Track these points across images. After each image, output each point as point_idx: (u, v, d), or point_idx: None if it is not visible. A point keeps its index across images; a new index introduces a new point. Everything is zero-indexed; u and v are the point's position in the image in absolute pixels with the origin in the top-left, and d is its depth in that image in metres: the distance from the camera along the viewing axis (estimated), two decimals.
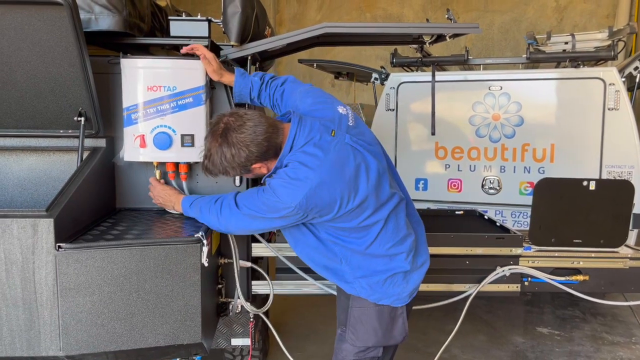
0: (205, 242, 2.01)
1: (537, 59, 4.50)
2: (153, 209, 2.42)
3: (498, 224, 3.22)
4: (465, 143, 4.63)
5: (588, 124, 4.27)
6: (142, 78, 2.27)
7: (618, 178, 4.13)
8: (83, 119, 2.21)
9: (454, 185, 4.69)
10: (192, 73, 2.29)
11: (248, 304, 2.50)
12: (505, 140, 4.52)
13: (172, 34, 2.44)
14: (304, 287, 2.65)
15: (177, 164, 2.39)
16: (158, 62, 2.32)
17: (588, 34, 4.48)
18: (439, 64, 4.76)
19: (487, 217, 3.49)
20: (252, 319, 2.66)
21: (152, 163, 2.39)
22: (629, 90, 4.36)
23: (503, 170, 4.55)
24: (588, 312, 4.57)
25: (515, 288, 2.85)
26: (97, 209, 2.27)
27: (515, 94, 4.46)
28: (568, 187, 2.82)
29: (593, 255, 2.84)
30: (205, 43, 2.39)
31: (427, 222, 3.36)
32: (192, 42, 2.39)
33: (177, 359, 2.40)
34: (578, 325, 4.32)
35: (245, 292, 2.53)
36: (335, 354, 2.25)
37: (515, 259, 2.84)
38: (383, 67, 5.43)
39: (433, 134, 4.29)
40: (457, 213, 3.69)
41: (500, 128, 4.52)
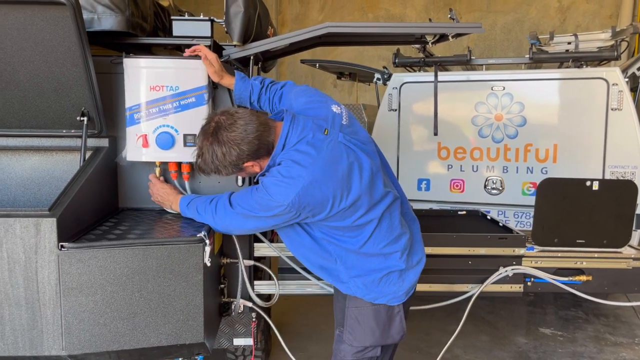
0: (208, 241, 2.01)
1: (540, 59, 4.49)
2: (155, 209, 2.42)
3: (501, 224, 3.22)
4: (468, 143, 4.63)
5: (591, 124, 4.26)
6: (144, 78, 2.27)
7: (621, 178, 4.13)
8: (86, 119, 2.21)
9: (457, 186, 4.69)
10: (194, 73, 2.29)
11: (256, 297, 2.49)
12: (508, 141, 4.52)
13: (174, 34, 2.43)
14: (306, 287, 2.65)
15: (179, 164, 2.39)
16: (161, 62, 2.32)
17: (591, 34, 4.47)
18: (442, 64, 4.76)
19: (489, 217, 3.49)
20: (254, 319, 2.66)
21: (154, 163, 2.39)
22: (632, 91, 4.34)
23: (506, 171, 4.55)
24: (591, 312, 4.56)
25: (518, 288, 2.84)
26: (99, 209, 2.27)
27: (518, 94, 4.45)
28: (571, 187, 2.81)
29: (596, 256, 2.83)
30: (208, 43, 2.39)
31: (429, 222, 3.38)
32: (194, 42, 2.39)
33: (179, 359, 2.40)
34: (581, 326, 4.31)
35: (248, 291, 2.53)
36: (334, 355, 2.24)
37: (518, 259, 2.83)
38: (385, 67, 5.43)
39: (436, 134, 4.29)
40: (459, 213, 3.69)
41: (503, 128, 4.51)
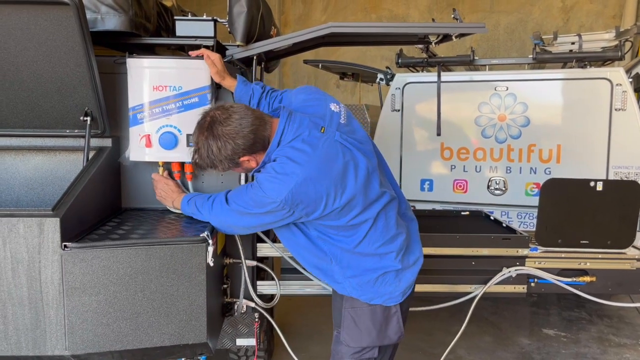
0: (211, 241, 2.00)
1: (543, 60, 4.48)
2: (158, 209, 2.42)
3: (504, 225, 3.21)
4: (471, 144, 4.62)
5: (595, 125, 4.24)
6: (148, 78, 2.27)
7: (625, 179, 4.11)
8: (89, 119, 2.21)
9: (460, 186, 4.68)
10: (197, 73, 2.29)
11: (257, 298, 2.50)
12: (511, 141, 4.50)
13: (177, 34, 2.44)
14: (309, 287, 2.65)
15: (182, 164, 2.40)
16: (164, 62, 2.32)
17: (595, 34, 4.46)
18: (445, 65, 4.75)
19: (493, 217, 3.48)
20: (257, 319, 2.66)
21: (157, 163, 2.39)
22: (636, 91, 4.33)
23: (509, 171, 4.54)
24: (594, 313, 4.55)
25: (522, 289, 2.83)
26: (102, 209, 2.27)
27: (522, 95, 4.44)
28: (575, 187, 2.80)
29: (600, 257, 2.82)
30: (211, 43, 2.39)
31: (432, 222, 3.38)
32: (197, 42, 2.39)
33: (182, 359, 2.40)
34: (584, 327, 4.29)
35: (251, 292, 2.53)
36: (333, 356, 2.24)
37: (522, 260, 2.82)
38: (388, 67, 5.42)
39: (439, 135, 4.27)
40: (462, 214, 3.68)
41: (506, 129, 4.50)
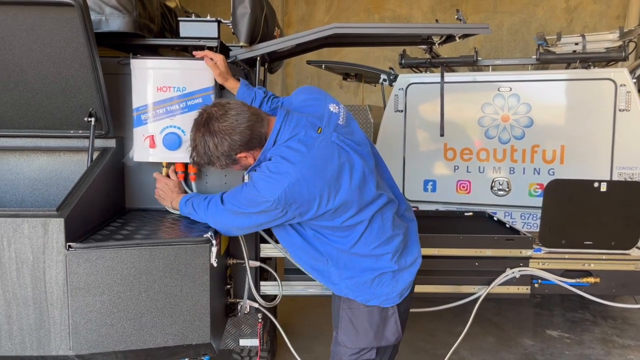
0: (215, 242, 2.01)
1: (547, 60, 4.47)
2: (162, 209, 2.43)
3: (508, 226, 3.20)
4: (474, 144, 4.62)
5: (599, 125, 4.24)
6: (151, 79, 2.28)
7: (629, 179, 4.10)
8: (93, 120, 2.21)
9: (463, 187, 4.67)
10: (201, 74, 2.30)
11: (260, 299, 2.50)
12: (515, 142, 4.50)
13: (181, 35, 2.44)
14: (312, 288, 2.65)
15: (186, 164, 2.40)
16: (168, 62, 2.33)
17: (599, 35, 4.45)
18: (448, 65, 4.75)
19: (496, 218, 3.48)
20: (260, 320, 2.66)
21: (161, 163, 2.40)
22: None
23: (512, 172, 4.53)
24: (598, 314, 4.53)
25: (525, 290, 2.83)
26: (106, 209, 2.28)
27: (525, 95, 4.44)
28: (579, 188, 2.80)
29: (604, 258, 2.81)
30: (215, 44, 2.40)
31: (435, 223, 3.38)
32: (201, 43, 2.39)
33: (185, 359, 2.40)
34: (588, 328, 4.28)
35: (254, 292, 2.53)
36: (332, 357, 2.24)
37: (525, 261, 2.82)
38: (392, 68, 5.42)
39: (442, 135, 4.27)
40: (466, 214, 3.67)
41: (510, 129, 4.49)
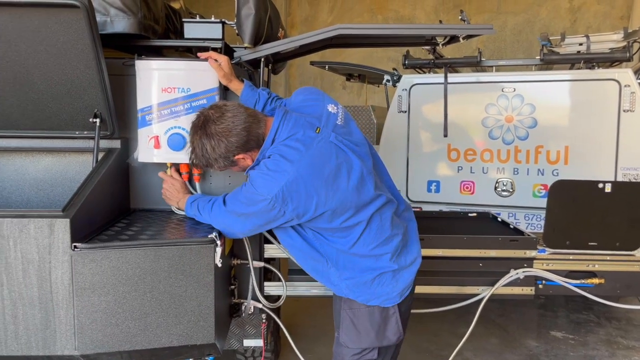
0: (219, 242, 2.01)
1: (551, 61, 4.46)
2: (167, 210, 2.44)
3: (512, 227, 3.20)
4: (478, 145, 4.61)
5: (603, 126, 4.22)
6: (156, 80, 2.28)
7: (634, 180, 4.09)
8: (98, 121, 2.22)
9: (467, 188, 4.67)
10: (206, 75, 2.30)
11: (264, 299, 2.51)
12: (519, 142, 4.49)
13: (186, 36, 2.45)
14: (315, 288, 2.65)
15: (190, 165, 2.40)
16: (172, 63, 2.33)
17: (603, 35, 4.44)
18: (452, 66, 4.75)
19: (500, 219, 3.47)
20: (264, 320, 2.66)
21: (166, 164, 2.40)
22: None
23: (516, 173, 4.52)
24: (603, 316, 4.52)
25: (530, 291, 2.83)
26: (111, 210, 2.29)
27: (529, 96, 4.43)
28: (583, 189, 2.79)
29: (608, 259, 2.81)
30: (219, 45, 2.40)
31: (439, 224, 3.38)
32: (205, 44, 2.40)
33: (189, 359, 2.41)
34: (592, 329, 4.27)
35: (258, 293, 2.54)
36: (334, 358, 2.24)
37: (529, 262, 2.82)
38: (395, 68, 5.42)
39: (445, 136, 4.27)
40: (470, 215, 3.67)
41: (514, 130, 4.49)
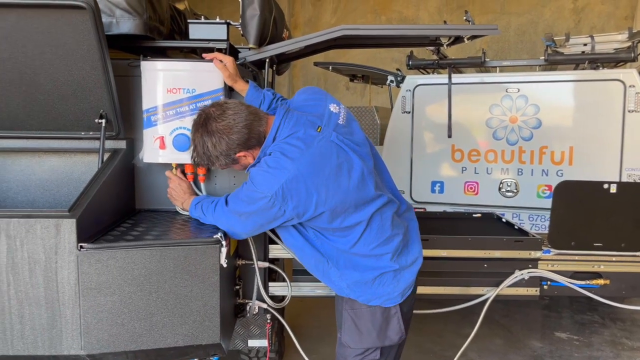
0: (224, 243, 2.02)
1: (555, 61, 4.46)
2: (172, 210, 2.44)
3: (516, 227, 3.20)
4: (482, 146, 4.60)
5: (608, 127, 4.21)
6: (161, 80, 2.29)
7: (639, 181, 4.08)
8: (104, 121, 2.23)
9: (471, 188, 4.66)
10: (211, 75, 2.31)
11: (269, 300, 2.51)
12: (523, 143, 4.48)
13: (191, 37, 2.45)
14: (320, 289, 2.66)
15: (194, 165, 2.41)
16: (177, 64, 2.34)
17: (607, 36, 4.42)
18: (456, 66, 4.74)
19: (505, 220, 3.47)
20: (269, 321, 2.67)
21: (171, 164, 2.41)
22: None
23: (520, 173, 4.52)
24: (607, 317, 4.50)
25: (534, 292, 2.82)
26: (117, 210, 2.30)
27: (533, 96, 4.42)
28: (588, 190, 2.78)
29: (614, 259, 2.80)
30: (224, 46, 2.41)
31: (444, 224, 3.38)
32: (210, 45, 2.41)
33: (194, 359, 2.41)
34: (597, 330, 4.25)
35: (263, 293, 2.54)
36: (337, 359, 2.24)
37: (534, 263, 2.81)
38: (399, 69, 5.42)
39: (449, 137, 4.27)
40: (474, 216, 3.67)
41: (518, 130, 4.48)
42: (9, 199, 2.38)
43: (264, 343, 2.75)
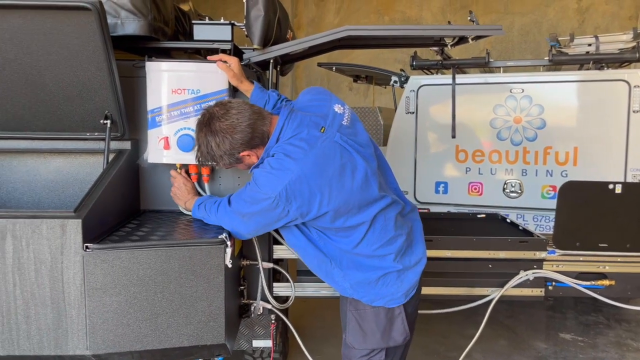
0: (229, 243, 2.02)
1: (560, 61, 4.45)
2: (176, 211, 2.45)
3: (521, 228, 3.19)
4: (486, 146, 4.60)
5: (612, 127, 4.21)
6: (166, 81, 2.30)
7: None
8: (109, 122, 2.23)
9: (475, 189, 4.66)
10: (215, 76, 2.31)
11: (273, 300, 2.51)
12: (527, 143, 4.48)
13: (195, 38, 2.46)
14: (324, 289, 2.65)
15: (198, 165, 2.41)
16: (182, 65, 2.35)
17: (612, 36, 4.42)
18: (460, 67, 4.74)
19: (509, 220, 3.46)
20: (273, 321, 2.67)
21: (175, 165, 2.41)
22: None
23: (525, 174, 4.51)
24: (612, 317, 4.49)
25: (539, 292, 2.81)
26: (122, 210, 2.30)
27: (537, 97, 4.42)
28: (593, 190, 2.78)
29: (619, 260, 2.79)
30: (228, 47, 2.41)
31: (448, 225, 3.37)
32: (215, 45, 2.42)
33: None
34: (602, 331, 4.24)
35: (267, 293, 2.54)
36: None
37: (539, 263, 2.81)
38: (402, 70, 5.42)
39: (453, 137, 4.27)
40: (479, 216, 3.66)
41: (522, 131, 4.47)
42: (15, 200, 2.39)
43: (269, 343, 2.75)
